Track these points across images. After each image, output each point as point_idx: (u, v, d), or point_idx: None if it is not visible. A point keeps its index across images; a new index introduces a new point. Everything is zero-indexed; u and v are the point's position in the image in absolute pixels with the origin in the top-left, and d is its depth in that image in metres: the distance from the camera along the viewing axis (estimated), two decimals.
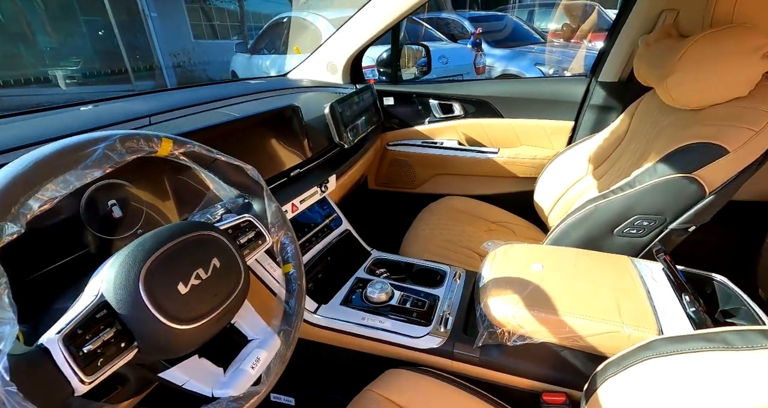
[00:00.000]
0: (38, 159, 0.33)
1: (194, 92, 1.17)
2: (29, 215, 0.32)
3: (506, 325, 0.66)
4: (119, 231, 0.56)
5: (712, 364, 0.45)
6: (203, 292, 0.41)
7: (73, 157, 0.35)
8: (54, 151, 0.34)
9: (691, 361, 0.47)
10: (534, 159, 1.39)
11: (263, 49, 5.11)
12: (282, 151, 0.88)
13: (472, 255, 1.13)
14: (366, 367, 0.78)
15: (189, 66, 8.10)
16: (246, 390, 0.43)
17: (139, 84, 7.10)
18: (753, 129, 0.66)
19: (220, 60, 7.69)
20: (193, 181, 0.64)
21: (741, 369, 0.43)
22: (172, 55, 7.83)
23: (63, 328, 0.32)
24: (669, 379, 0.48)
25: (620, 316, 0.61)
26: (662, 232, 0.78)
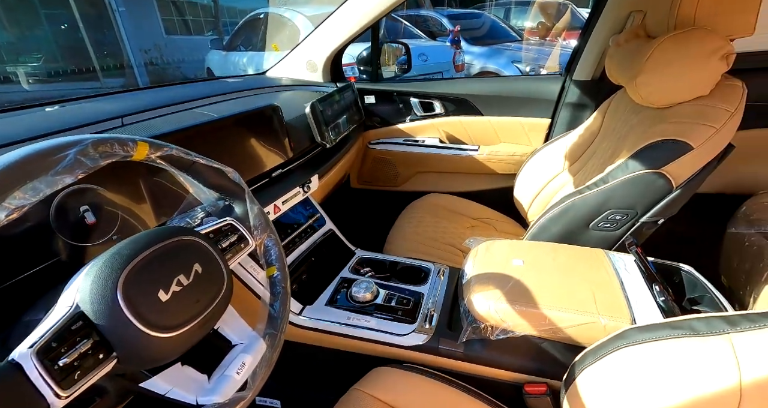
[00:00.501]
0: (3, 166, 0.32)
1: (169, 91, 1.14)
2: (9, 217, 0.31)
3: (489, 320, 0.68)
4: (93, 237, 0.54)
5: (680, 350, 0.48)
6: (185, 298, 0.40)
7: (42, 164, 0.34)
8: (21, 158, 0.33)
9: (661, 348, 0.49)
10: (513, 156, 1.42)
11: (239, 46, 5.00)
12: (263, 152, 0.87)
13: (454, 251, 1.15)
14: (352, 366, 0.78)
15: (161, 63, 7.78)
16: (232, 396, 0.42)
17: (108, 81, 6.77)
18: (714, 126, 0.70)
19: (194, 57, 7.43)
20: (170, 184, 0.63)
21: (706, 354, 0.45)
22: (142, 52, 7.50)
23: (36, 342, 0.31)
24: (642, 366, 0.50)
25: (596, 308, 0.63)
26: (634, 226, 0.81)
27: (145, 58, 7.55)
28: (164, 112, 0.90)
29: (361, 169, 1.62)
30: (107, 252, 0.39)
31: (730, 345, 0.44)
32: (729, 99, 0.73)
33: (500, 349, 0.70)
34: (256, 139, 0.85)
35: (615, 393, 0.52)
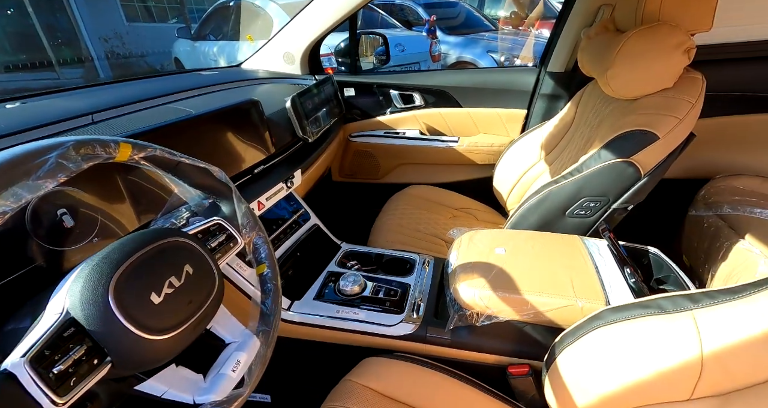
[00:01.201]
0: None
1: (139, 85, 1.09)
2: None
3: (474, 307, 0.71)
4: (72, 241, 0.53)
5: (649, 328, 0.52)
6: (178, 300, 0.40)
7: (22, 169, 0.33)
8: (3, 161, 0.32)
9: (633, 327, 0.53)
10: (491, 146, 1.45)
11: (209, 35, 4.79)
12: (244, 148, 0.86)
13: (438, 242, 1.18)
14: (343, 358, 0.80)
15: (124, 53, 7.30)
16: (229, 393, 0.43)
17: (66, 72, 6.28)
18: (678, 117, 0.74)
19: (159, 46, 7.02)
20: (150, 184, 0.61)
21: (672, 330, 0.50)
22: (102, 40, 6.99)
23: (28, 350, 0.30)
24: (616, 343, 0.54)
25: (573, 291, 0.67)
26: (606, 212, 0.86)
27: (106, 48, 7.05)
28: (137, 108, 0.87)
29: (342, 163, 1.61)
30: (95, 256, 0.38)
31: (693, 321, 0.49)
32: (690, 91, 0.78)
33: (485, 334, 0.73)
34: (236, 136, 0.84)
35: (592, 370, 0.56)
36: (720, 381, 0.45)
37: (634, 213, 0.91)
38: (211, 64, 4.47)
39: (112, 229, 0.56)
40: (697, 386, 0.46)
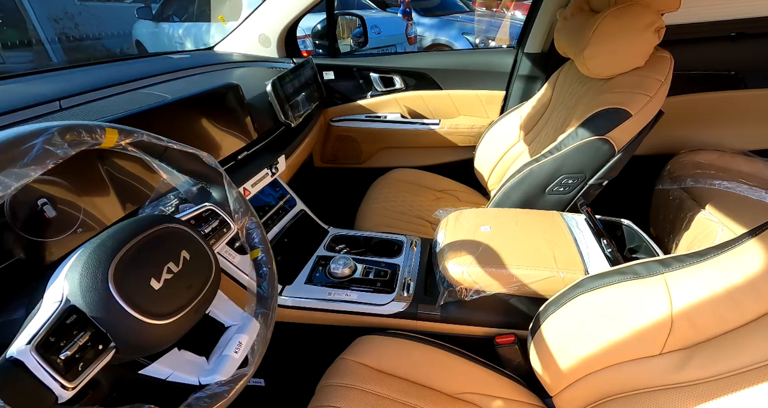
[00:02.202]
0: None
1: (108, 69, 1.04)
2: None
3: (463, 283, 0.74)
4: (55, 232, 0.51)
5: (626, 292, 0.56)
6: (177, 285, 0.40)
7: (8, 156, 0.31)
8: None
9: (611, 292, 0.57)
10: (472, 128, 1.47)
11: (172, 16, 4.53)
12: (227, 134, 0.84)
13: (423, 223, 1.20)
14: (336, 339, 0.82)
15: (77, 35, 6.75)
16: (234, 373, 0.44)
17: (11, 56, 5.74)
18: (648, 95, 0.78)
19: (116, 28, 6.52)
20: (134, 171, 0.59)
21: (646, 292, 0.54)
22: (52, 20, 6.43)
23: (33, 338, 0.30)
24: (596, 308, 0.58)
25: (555, 263, 0.71)
26: (583, 188, 0.90)
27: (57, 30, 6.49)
28: (107, 94, 0.83)
29: (324, 148, 1.60)
30: (90, 244, 0.37)
31: (665, 283, 0.53)
32: (660, 69, 0.82)
33: (473, 308, 0.77)
34: (217, 121, 0.82)
35: (573, 333, 0.60)
36: (687, 335, 0.50)
37: (608, 188, 0.96)
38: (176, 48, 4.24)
39: (96, 219, 0.55)
40: (668, 341, 0.51)
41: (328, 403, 0.65)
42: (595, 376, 0.58)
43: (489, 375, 0.72)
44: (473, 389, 0.70)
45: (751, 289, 0.45)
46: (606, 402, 0.57)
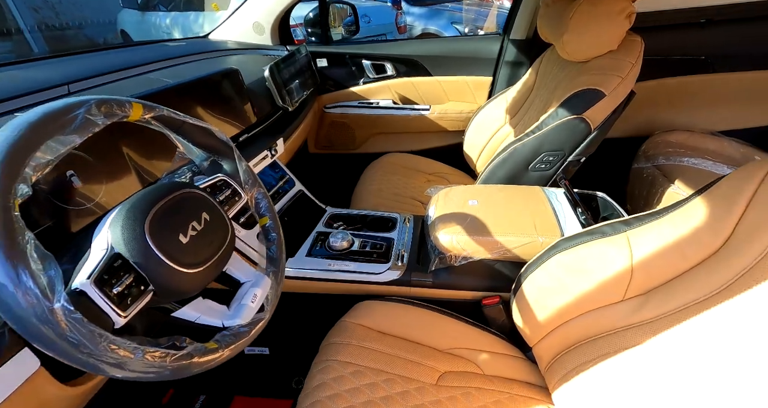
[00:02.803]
0: (32, 122, 0.34)
1: (109, 56, 1.07)
2: (33, 178, 0.34)
3: (452, 250, 0.81)
4: (80, 202, 0.56)
5: (594, 250, 0.63)
6: (201, 241, 0.46)
7: (60, 122, 0.37)
8: (44, 115, 0.35)
9: (581, 251, 0.64)
10: (461, 113, 1.53)
11: (158, 5, 4.46)
12: (228, 117, 0.88)
13: (416, 204, 1.27)
14: (336, 307, 0.88)
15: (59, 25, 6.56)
16: (252, 317, 0.50)
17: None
18: (621, 76, 0.85)
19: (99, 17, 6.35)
20: (150, 148, 0.64)
21: (611, 249, 0.61)
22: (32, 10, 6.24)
23: (92, 274, 0.36)
24: (569, 265, 0.65)
25: (535, 230, 0.78)
26: (563, 165, 0.97)
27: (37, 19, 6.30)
28: (113, 79, 0.87)
29: (318, 134, 1.65)
30: (125, 204, 0.43)
31: (627, 239, 0.60)
32: (631, 52, 0.88)
33: (462, 273, 0.84)
34: (220, 104, 0.86)
35: (550, 289, 0.67)
36: (644, 283, 0.57)
37: (589, 168, 1.03)
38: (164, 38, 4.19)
39: (117, 190, 0.60)
40: (628, 289, 0.59)
41: (331, 357, 0.72)
42: (567, 325, 0.66)
43: (476, 333, 0.80)
44: (462, 345, 0.77)
45: (695, 239, 0.52)
46: (577, 347, 0.65)
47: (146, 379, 0.38)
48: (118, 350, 0.34)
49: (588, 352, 0.62)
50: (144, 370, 0.36)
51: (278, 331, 1.00)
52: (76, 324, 0.31)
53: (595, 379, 0.58)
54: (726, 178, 0.52)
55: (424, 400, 0.67)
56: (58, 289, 0.32)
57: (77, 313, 0.31)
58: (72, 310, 0.31)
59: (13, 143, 0.33)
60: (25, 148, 0.33)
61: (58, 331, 0.31)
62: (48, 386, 0.48)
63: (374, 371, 0.70)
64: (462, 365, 0.74)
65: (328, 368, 0.70)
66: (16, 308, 0.30)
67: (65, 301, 0.31)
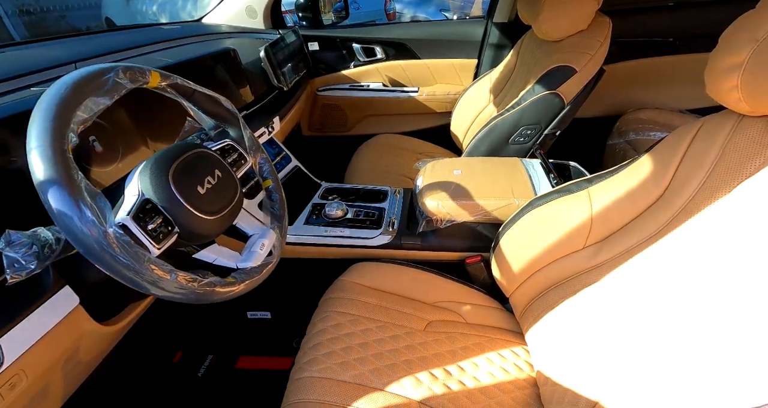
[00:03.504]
0: (75, 81, 0.41)
1: (109, 38, 1.11)
2: (78, 129, 0.41)
3: (438, 214, 0.89)
4: (102, 165, 0.62)
5: (561, 206, 0.72)
6: (216, 193, 0.53)
7: (96, 83, 0.43)
8: (83, 76, 0.42)
9: (551, 207, 0.73)
10: (448, 95, 1.60)
11: None
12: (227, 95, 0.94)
13: (406, 180, 1.34)
14: (333, 270, 0.96)
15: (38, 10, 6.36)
16: (262, 261, 0.57)
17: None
18: (590, 53, 0.93)
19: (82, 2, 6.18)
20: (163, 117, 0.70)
21: (574, 204, 0.70)
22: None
23: (130, 211, 0.43)
24: (540, 221, 0.74)
25: (512, 193, 0.87)
26: (540, 138, 1.06)
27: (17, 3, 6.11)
28: (118, 59, 0.92)
29: (311, 117, 1.70)
30: (149, 160, 0.49)
31: (588, 195, 0.69)
32: (600, 31, 0.96)
33: (447, 236, 0.92)
34: (219, 83, 0.92)
35: (523, 243, 0.76)
36: (601, 231, 0.66)
37: (568, 145, 1.12)
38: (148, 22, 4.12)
39: (133, 155, 0.66)
40: (588, 238, 0.68)
41: (330, 309, 0.80)
42: (538, 274, 0.75)
43: (460, 288, 0.89)
44: (448, 298, 0.86)
45: (642, 190, 0.61)
46: (546, 293, 0.74)
47: (176, 300, 0.45)
48: (157, 270, 0.41)
49: (554, 296, 0.71)
50: (175, 290, 0.44)
51: (279, 296, 1.08)
52: (125, 246, 0.39)
53: (560, 317, 0.68)
54: (666, 137, 0.60)
55: (413, 341, 0.75)
56: (108, 217, 0.39)
57: (126, 237, 0.39)
58: (122, 233, 0.38)
59: (62, 97, 0.39)
60: (71, 101, 0.40)
61: (112, 253, 0.38)
62: (85, 322, 0.55)
63: (368, 320, 0.78)
64: (447, 315, 0.83)
65: (327, 317, 0.78)
66: (81, 236, 0.37)
67: (116, 226, 0.38)
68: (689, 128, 0.57)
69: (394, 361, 0.70)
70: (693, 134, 0.56)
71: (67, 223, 0.37)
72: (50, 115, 0.38)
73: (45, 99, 0.40)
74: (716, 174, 0.52)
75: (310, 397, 0.62)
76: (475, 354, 0.75)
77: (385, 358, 0.70)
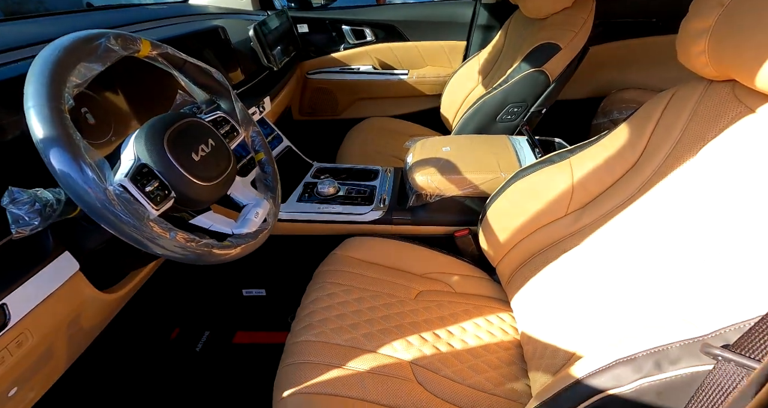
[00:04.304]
0: (66, 46, 0.42)
1: (94, 16, 1.10)
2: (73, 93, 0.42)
3: (427, 189, 0.91)
4: (94, 138, 0.63)
5: (545, 175, 0.75)
6: (210, 161, 0.55)
7: (88, 47, 0.44)
8: (75, 40, 0.43)
9: (535, 177, 0.76)
10: (438, 77, 1.61)
11: None
12: None
13: (397, 161, 1.36)
14: (325, 246, 0.98)
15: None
16: (257, 228, 0.60)
17: None
18: (574, 30, 0.95)
19: None
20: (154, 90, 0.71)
21: (557, 173, 0.73)
22: None
23: (127, 173, 0.44)
24: (524, 191, 0.77)
25: (499, 167, 0.90)
26: (527, 115, 1.08)
27: None
28: None
29: (302, 100, 1.70)
30: (144, 126, 0.51)
31: (570, 164, 0.72)
32: (584, 8, 0.98)
33: (436, 210, 0.95)
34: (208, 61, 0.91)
35: (509, 213, 0.79)
36: (582, 198, 0.69)
37: (556, 126, 1.15)
38: None
39: (125, 127, 0.67)
40: (570, 205, 0.71)
41: (324, 280, 0.82)
42: (523, 242, 0.78)
43: (449, 260, 0.92)
44: (437, 270, 0.89)
45: (619, 157, 0.64)
46: (530, 260, 0.77)
47: (174, 258, 0.47)
48: (156, 228, 0.43)
49: (538, 262, 0.74)
50: (174, 249, 0.46)
51: (273, 274, 1.11)
52: (126, 203, 0.40)
53: (543, 281, 0.71)
54: (642, 106, 0.63)
55: (404, 309, 0.79)
56: (108, 176, 0.40)
57: (126, 194, 0.40)
58: (122, 190, 0.40)
59: (57, 58, 0.40)
60: (66, 62, 0.41)
61: (113, 210, 0.40)
62: (86, 288, 0.57)
63: (361, 289, 0.81)
64: (436, 286, 0.86)
65: (322, 288, 0.81)
66: (83, 194, 0.39)
67: (116, 184, 0.40)
68: (663, 96, 0.60)
69: (386, 326, 0.73)
70: (666, 102, 0.59)
71: (69, 182, 0.39)
72: (46, 75, 0.39)
73: (39, 61, 0.41)
74: (685, 138, 0.55)
75: (306, 359, 0.65)
76: (462, 319, 0.78)
77: (378, 323, 0.74)
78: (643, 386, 0.37)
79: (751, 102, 0.46)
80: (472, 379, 0.66)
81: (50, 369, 0.57)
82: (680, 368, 0.35)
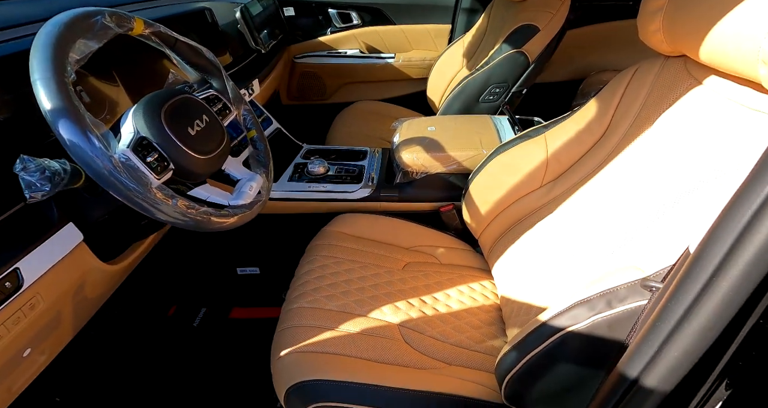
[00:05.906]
0: (65, 22, 0.44)
1: None
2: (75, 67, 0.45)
3: (413, 166, 0.96)
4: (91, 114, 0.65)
5: (522, 149, 0.80)
6: (205, 135, 0.58)
7: (86, 24, 0.46)
8: (74, 16, 0.45)
9: (513, 151, 0.81)
10: (424, 61, 1.64)
11: None
12: None
13: (384, 143, 1.40)
14: (316, 224, 1.02)
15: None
16: (251, 200, 0.63)
17: None
18: (552, 12, 0.99)
19: None
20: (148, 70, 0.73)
21: (533, 147, 0.78)
22: None
23: (129, 144, 0.48)
24: (503, 164, 0.82)
25: (481, 145, 0.94)
26: (508, 96, 1.13)
27: None
28: None
29: (290, 85, 1.71)
30: (141, 102, 0.53)
31: (545, 139, 0.77)
32: None
33: (422, 187, 1.00)
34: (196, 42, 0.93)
35: (489, 186, 0.84)
36: (556, 170, 0.75)
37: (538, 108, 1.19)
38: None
39: (120, 106, 0.69)
40: (545, 177, 0.76)
41: (316, 253, 0.87)
42: (502, 214, 0.83)
43: (435, 234, 0.97)
44: (423, 243, 0.95)
45: (588, 129, 0.69)
46: (509, 230, 0.82)
47: (175, 224, 0.50)
48: (159, 194, 0.47)
49: (516, 231, 0.80)
50: (175, 215, 0.49)
51: (266, 252, 1.14)
52: (131, 170, 0.44)
53: (520, 248, 0.77)
54: (609, 83, 0.68)
55: (392, 278, 0.84)
56: (113, 144, 0.43)
57: (131, 161, 0.44)
58: (127, 158, 0.43)
59: (59, 33, 0.43)
60: (67, 37, 0.43)
61: (119, 177, 0.43)
62: (89, 259, 0.60)
63: (352, 261, 0.86)
64: (422, 257, 0.92)
65: (314, 260, 0.85)
66: (92, 163, 0.42)
67: (121, 153, 0.43)
68: (627, 72, 0.65)
69: (375, 294, 0.78)
70: (629, 77, 0.64)
71: (78, 151, 0.42)
72: (49, 48, 0.42)
73: (41, 36, 0.43)
74: (644, 110, 0.60)
75: (301, 323, 0.70)
76: (447, 287, 0.84)
77: (367, 291, 0.79)
78: (596, 322, 0.42)
79: (699, 75, 0.51)
80: (454, 337, 0.72)
81: (59, 334, 0.60)
82: (627, 304, 0.41)
